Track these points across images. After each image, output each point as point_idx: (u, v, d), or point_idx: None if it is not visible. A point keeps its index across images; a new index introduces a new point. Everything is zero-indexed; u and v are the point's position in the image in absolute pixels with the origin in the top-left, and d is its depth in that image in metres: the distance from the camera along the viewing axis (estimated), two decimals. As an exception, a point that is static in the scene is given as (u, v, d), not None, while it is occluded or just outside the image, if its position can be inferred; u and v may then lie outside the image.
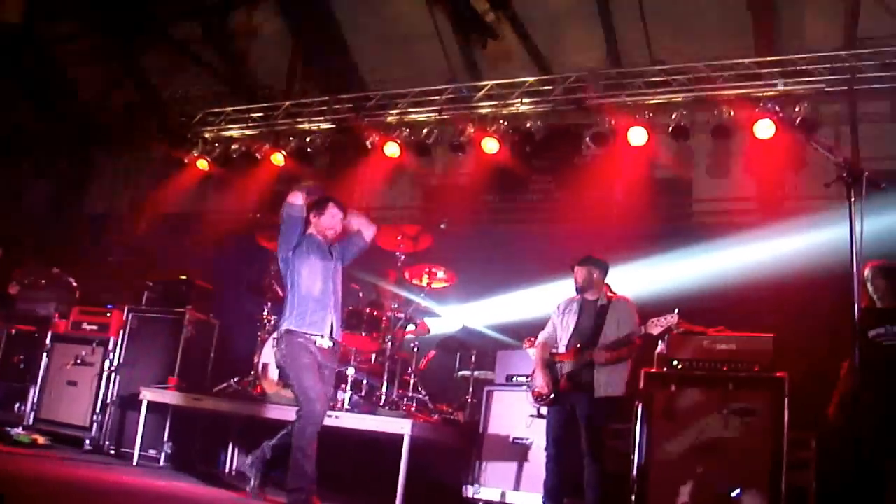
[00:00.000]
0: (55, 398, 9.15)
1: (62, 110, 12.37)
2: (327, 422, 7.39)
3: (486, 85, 9.78)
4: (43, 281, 9.58)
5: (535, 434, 7.01)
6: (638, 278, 7.93)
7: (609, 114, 9.19)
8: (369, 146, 10.27)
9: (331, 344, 6.20)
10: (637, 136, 9.04)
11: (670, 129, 8.99)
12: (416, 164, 10.34)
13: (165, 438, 8.41)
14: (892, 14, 8.58)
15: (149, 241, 11.64)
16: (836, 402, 6.00)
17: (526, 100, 9.55)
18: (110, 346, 9.00)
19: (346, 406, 7.66)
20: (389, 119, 10.26)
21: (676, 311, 6.07)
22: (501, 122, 9.60)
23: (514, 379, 7.54)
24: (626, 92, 9.22)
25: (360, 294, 8.52)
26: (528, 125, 9.48)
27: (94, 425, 8.78)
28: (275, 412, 7.93)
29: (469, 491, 7.27)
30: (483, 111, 9.73)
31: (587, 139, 9.15)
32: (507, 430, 7.35)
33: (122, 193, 12.15)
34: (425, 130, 10.04)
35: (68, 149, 13.10)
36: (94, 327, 9.23)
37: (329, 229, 6.36)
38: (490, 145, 9.55)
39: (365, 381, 8.11)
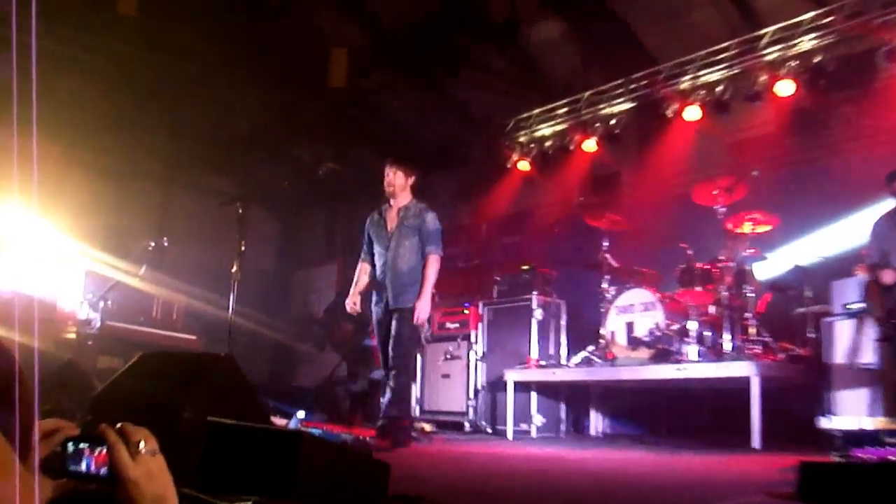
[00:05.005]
0: (434, 391, 10.48)
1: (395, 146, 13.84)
2: (677, 375, 8.03)
3: (768, 31, 9.90)
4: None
5: (879, 358, 7.07)
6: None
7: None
8: (670, 115, 10.76)
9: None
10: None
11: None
12: (717, 123, 10.62)
13: (533, 412, 9.46)
14: None
15: (490, 242, 12.84)
16: None
17: (809, 36, 9.56)
18: (473, 339, 10.17)
19: (692, 359, 8.23)
20: (683, 86, 10.66)
21: None
22: (790, 63, 9.69)
23: (851, 306, 7.54)
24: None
25: (690, 252, 8.93)
26: (817, 60, 9.48)
27: (470, 409, 9.99)
28: (626, 374, 8.69)
29: (823, 422, 7.42)
30: (770, 57, 9.86)
31: (880, 59, 9.00)
32: (850, 359, 7.40)
33: (459, 208, 13.44)
34: (719, 88, 10.33)
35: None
36: (456, 325, 10.45)
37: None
38: (784, 88, 9.68)
39: (707, 333, 8.54)
